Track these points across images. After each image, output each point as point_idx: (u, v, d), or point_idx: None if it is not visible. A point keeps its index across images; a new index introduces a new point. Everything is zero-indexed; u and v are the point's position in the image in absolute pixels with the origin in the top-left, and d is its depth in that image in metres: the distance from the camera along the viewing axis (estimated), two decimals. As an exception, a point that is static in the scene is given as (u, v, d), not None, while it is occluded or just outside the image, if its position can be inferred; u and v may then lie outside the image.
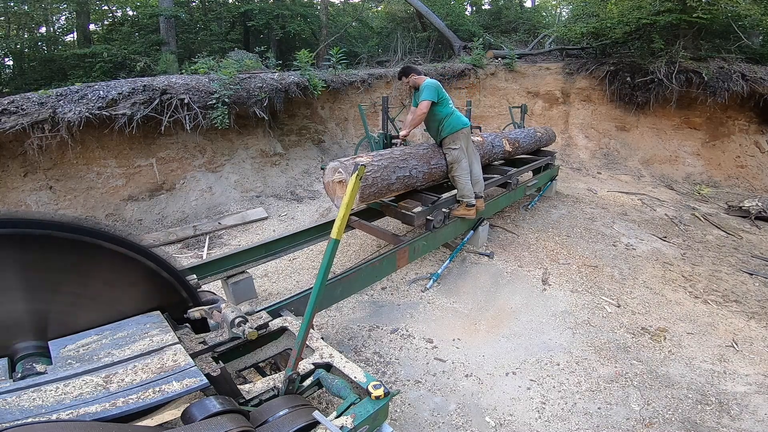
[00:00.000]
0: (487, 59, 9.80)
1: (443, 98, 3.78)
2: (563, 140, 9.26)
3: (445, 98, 3.80)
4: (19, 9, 9.51)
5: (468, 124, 3.93)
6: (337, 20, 13.86)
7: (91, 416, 1.24)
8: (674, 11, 7.73)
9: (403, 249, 3.40)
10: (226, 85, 5.49)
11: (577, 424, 2.41)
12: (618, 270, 4.24)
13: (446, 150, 3.86)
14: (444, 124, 3.79)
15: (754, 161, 8.43)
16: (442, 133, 3.84)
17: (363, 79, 7.84)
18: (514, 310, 3.51)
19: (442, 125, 3.80)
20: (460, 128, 3.80)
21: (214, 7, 12.42)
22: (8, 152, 4.55)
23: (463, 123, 3.84)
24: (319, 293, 1.58)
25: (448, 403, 2.53)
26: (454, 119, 3.80)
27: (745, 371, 2.90)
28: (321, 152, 7.26)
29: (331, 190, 3.30)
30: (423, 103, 3.62)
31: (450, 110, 3.82)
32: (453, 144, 3.81)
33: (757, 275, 4.30)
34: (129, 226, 4.95)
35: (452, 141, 3.81)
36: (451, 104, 3.89)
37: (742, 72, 7.89)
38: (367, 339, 3.07)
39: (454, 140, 3.81)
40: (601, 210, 5.95)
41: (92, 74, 8.42)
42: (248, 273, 3.19)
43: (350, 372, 1.91)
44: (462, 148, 3.83)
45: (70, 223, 1.53)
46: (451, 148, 3.81)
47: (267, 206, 5.66)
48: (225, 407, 1.41)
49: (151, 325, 1.70)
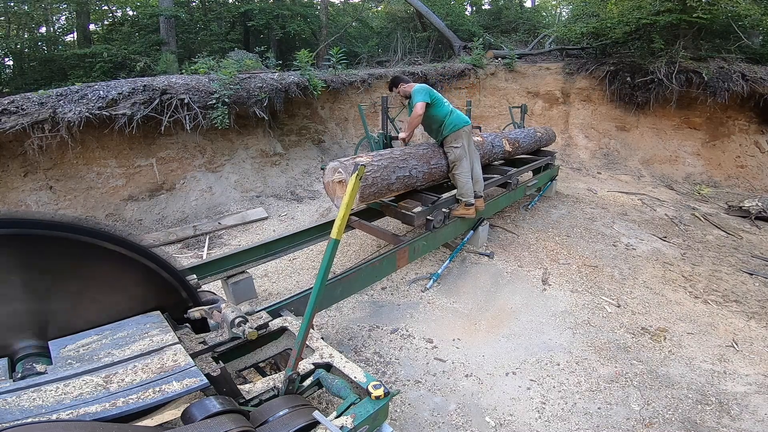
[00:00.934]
0: (487, 59, 9.80)
1: (436, 99, 3.78)
2: (563, 140, 9.26)
3: (438, 99, 3.80)
4: (19, 9, 9.51)
5: (469, 123, 3.93)
6: (337, 20, 13.87)
7: (91, 416, 1.24)
8: (674, 11, 7.73)
9: (403, 249, 3.40)
10: (226, 85, 5.49)
11: (577, 424, 2.41)
12: (618, 270, 4.24)
13: (448, 149, 3.85)
14: (445, 123, 3.79)
15: (754, 161, 8.43)
16: (443, 132, 3.83)
17: (363, 79, 7.85)
18: (514, 310, 3.51)
19: (444, 125, 3.80)
20: (462, 126, 3.80)
21: (214, 7, 12.42)
22: (8, 152, 4.55)
23: (464, 121, 3.84)
24: (319, 293, 1.58)
25: (448, 403, 2.53)
26: (455, 118, 3.81)
27: (745, 371, 2.90)
28: (321, 152, 7.26)
29: (331, 190, 3.30)
30: (418, 105, 3.62)
31: (448, 109, 3.83)
32: (455, 142, 3.81)
33: (757, 275, 4.30)
34: (129, 226, 4.95)
35: (454, 139, 3.81)
36: (447, 104, 3.89)
37: (742, 72, 7.89)
38: (367, 339, 3.07)
39: (456, 138, 3.80)
40: (601, 210, 5.95)
41: (92, 74, 8.42)
42: (248, 273, 3.19)
43: (350, 372, 1.91)
44: (464, 146, 3.84)
45: (70, 223, 1.53)
46: (453, 146, 3.81)
47: (267, 206, 5.66)
48: (225, 407, 1.40)
49: (151, 325, 1.70)
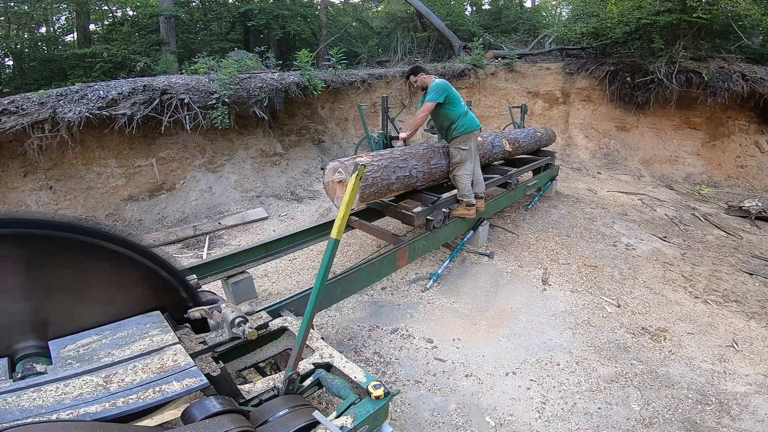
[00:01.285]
0: (487, 59, 9.80)
1: (453, 98, 3.70)
2: (563, 140, 9.26)
3: (455, 98, 3.73)
4: (19, 9, 9.50)
5: (479, 126, 3.89)
6: (337, 20, 13.87)
7: (91, 416, 1.24)
8: (674, 11, 7.73)
9: (403, 249, 3.40)
10: (226, 85, 5.49)
11: (577, 424, 2.41)
12: (618, 270, 4.24)
13: (454, 149, 3.81)
14: (458, 123, 3.74)
15: (754, 161, 8.43)
16: (453, 133, 3.79)
17: (363, 79, 7.85)
18: (514, 310, 3.51)
19: (456, 124, 3.75)
20: (473, 130, 3.77)
21: (214, 7, 12.42)
22: (8, 152, 4.55)
23: (476, 125, 3.80)
24: (319, 293, 1.58)
25: (448, 403, 2.53)
26: (468, 120, 3.76)
27: (745, 371, 2.90)
28: (321, 152, 7.26)
29: (331, 190, 3.30)
30: (427, 105, 3.59)
31: (463, 110, 3.76)
32: (463, 144, 3.77)
33: (757, 275, 4.30)
34: (129, 226, 4.95)
35: (463, 141, 3.77)
36: (463, 104, 3.83)
37: (742, 72, 7.89)
38: (367, 339, 3.07)
39: (465, 141, 3.77)
40: (601, 210, 5.95)
41: (92, 74, 8.42)
42: (248, 273, 3.19)
43: (350, 372, 1.91)
44: (471, 149, 3.81)
45: (70, 223, 1.53)
46: (461, 148, 3.78)
47: (267, 206, 5.66)
48: (225, 407, 1.40)
49: (151, 325, 1.70)
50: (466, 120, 3.74)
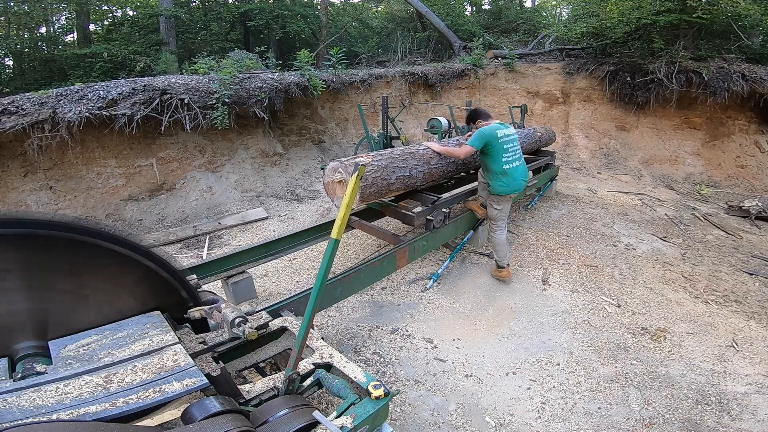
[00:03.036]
0: (487, 59, 9.80)
1: (493, 150, 3.45)
2: (563, 140, 9.25)
3: (495, 151, 3.44)
4: (19, 9, 9.51)
5: (519, 190, 3.68)
6: (337, 20, 13.88)
7: (91, 416, 1.24)
8: (674, 11, 7.73)
9: (403, 249, 3.39)
10: (226, 85, 5.49)
11: (577, 424, 2.41)
12: (618, 270, 4.24)
13: (488, 204, 3.79)
14: (493, 182, 3.58)
15: (754, 161, 8.42)
16: (490, 189, 3.68)
17: (363, 79, 7.84)
18: (514, 310, 3.51)
19: (493, 181, 3.58)
20: (507, 194, 3.63)
21: (214, 7, 12.43)
22: (8, 152, 4.55)
23: (511, 189, 3.59)
24: (319, 293, 1.58)
25: (448, 403, 2.53)
26: (504, 182, 3.52)
27: (745, 371, 2.90)
28: (321, 152, 7.26)
29: (331, 190, 3.29)
30: (466, 148, 3.47)
31: (500, 168, 3.47)
32: (496, 204, 3.71)
33: (757, 275, 4.30)
34: (129, 226, 4.95)
35: (496, 201, 3.70)
36: (505, 161, 3.49)
37: (742, 72, 7.89)
38: (367, 339, 3.07)
39: (498, 202, 3.70)
40: (601, 210, 5.95)
41: (92, 74, 8.43)
42: (248, 273, 3.19)
43: (350, 372, 1.91)
44: (504, 210, 3.73)
45: (70, 223, 1.53)
46: (494, 206, 3.73)
47: (267, 206, 5.66)
48: (225, 407, 1.40)
49: (151, 325, 1.70)
50: (503, 181, 3.53)
